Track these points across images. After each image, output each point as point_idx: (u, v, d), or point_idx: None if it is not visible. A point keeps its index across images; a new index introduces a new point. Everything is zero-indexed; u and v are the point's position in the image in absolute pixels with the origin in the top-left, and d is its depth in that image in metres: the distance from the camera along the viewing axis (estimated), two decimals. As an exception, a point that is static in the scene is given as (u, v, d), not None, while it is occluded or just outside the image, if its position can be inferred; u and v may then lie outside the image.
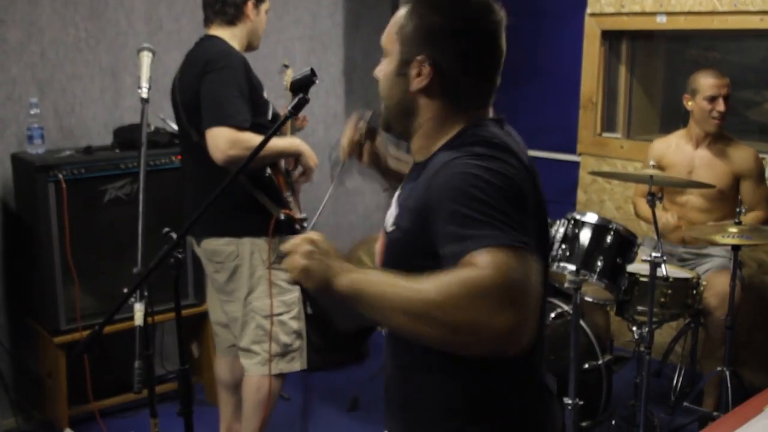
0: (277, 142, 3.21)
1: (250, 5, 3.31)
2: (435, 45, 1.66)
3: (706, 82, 4.05)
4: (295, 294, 3.31)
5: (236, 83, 3.11)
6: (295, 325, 3.35)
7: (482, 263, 1.40)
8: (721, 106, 4.02)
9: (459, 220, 1.47)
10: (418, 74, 1.68)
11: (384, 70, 1.76)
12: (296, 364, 3.39)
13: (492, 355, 1.45)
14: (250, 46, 3.40)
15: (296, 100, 2.03)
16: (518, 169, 1.57)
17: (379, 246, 1.81)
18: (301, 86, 2.07)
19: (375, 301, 1.49)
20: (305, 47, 5.07)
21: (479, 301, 1.37)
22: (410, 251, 1.63)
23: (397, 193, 1.82)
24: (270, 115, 3.30)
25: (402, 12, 1.72)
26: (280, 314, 3.31)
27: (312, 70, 2.04)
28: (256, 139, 3.03)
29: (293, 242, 1.58)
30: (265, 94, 3.32)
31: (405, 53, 1.70)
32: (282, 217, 3.21)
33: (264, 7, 3.38)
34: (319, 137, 5.19)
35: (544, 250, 1.73)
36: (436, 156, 1.66)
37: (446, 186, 1.53)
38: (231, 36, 3.30)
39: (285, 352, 3.34)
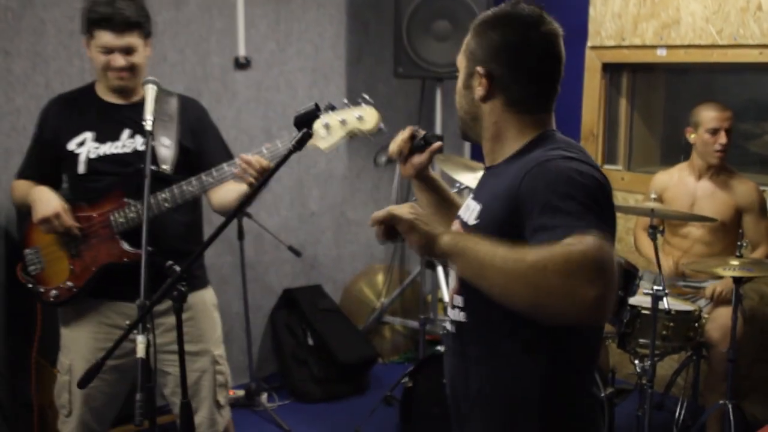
0: (21, 190, 3.04)
1: (83, 41, 2.96)
2: (491, 58, 1.88)
3: (708, 115, 4.07)
4: (65, 362, 3.10)
5: (34, 133, 3.13)
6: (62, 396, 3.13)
7: (578, 241, 1.51)
8: (723, 138, 4.05)
9: (554, 212, 1.62)
10: (479, 84, 1.89)
11: (457, 85, 1.99)
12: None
13: (576, 323, 1.58)
14: (110, 87, 2.99)
15: (300, 134, 2.05)
16: (600, 173, 1.75)
17: None
18: (305, 121, 2.09)
19: (477, 258, 1.61)
20: (308, 79, 5.10)
21: (577, 270, 1.47)
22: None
23: (471, 196, 1.99)
24: (82, 169, 2.95)
25: (468, 34, 1.95)
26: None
27: (316, 105, 2.06)
28: (17, 186, 3.08)
29: (394, 207, 1.77)
30: (75, 147, 2.96)
31: (469, 68, 1.93)
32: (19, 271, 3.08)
33: (95, 42, 2.89)
34: (321, 169, 5.22)
35: None
36: (523, 156, 1.83)
37: (542, 181, 1.69)
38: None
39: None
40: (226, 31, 4.72)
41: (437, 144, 2.18)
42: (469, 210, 1.92)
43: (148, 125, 2.69)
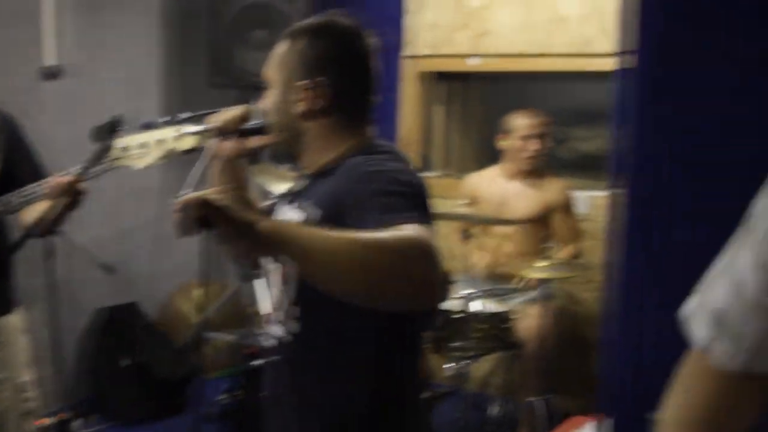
0: None
1: None
2: (317, 71, 1.82)
3: (522, 122, 4.26)
4: None
5: None
6: None
7: (408, 228, 1.51)
8: (534, 144, 4.24)
9: (380, 208, 1.60)
10: (304, 98, 1.83)
11: (270, 100, 1.90)
12: None
13: (409, 305, 1.52)
14: None
15: (99, 149, 1.98)
16: (420, 177, 1.77)
17: None
18: (104, 134, 2.02)
19: (302, 243, 1.45)
20: (122, 90, 4.93)
21: (411, 251, 1.45)
22: None
23: (290, 204, 1.91)
24: None
25: (283, 45, 1.87)
26: None
27: (118, 117, 1.99)
28: None
29: (206, 193, 1.46)
30: None
31: (289, 81, 1.84)
32: None
33: None
34: (135, 184, 5.05)
35: None
36: (345, 162, 1.80)
37: (364, 183, 1.68)
38: None
39: None
40: (33, 40, 4.51)
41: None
42: (290, 217, 1.86)
43: None
